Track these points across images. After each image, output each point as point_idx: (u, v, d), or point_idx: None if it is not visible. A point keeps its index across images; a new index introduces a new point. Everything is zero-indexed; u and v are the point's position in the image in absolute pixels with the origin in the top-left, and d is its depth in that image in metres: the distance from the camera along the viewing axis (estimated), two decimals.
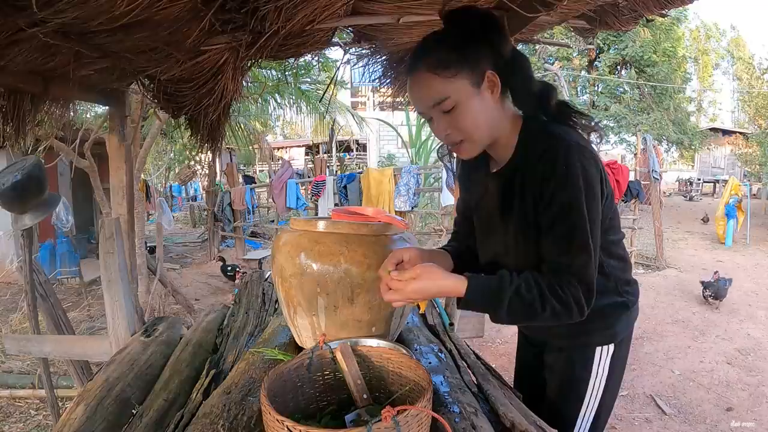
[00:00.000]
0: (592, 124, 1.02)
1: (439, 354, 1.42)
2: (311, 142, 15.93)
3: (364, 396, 0.99)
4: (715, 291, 4.99)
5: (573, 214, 0.92)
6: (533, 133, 0.99)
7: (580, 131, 1.01)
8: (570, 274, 0.93)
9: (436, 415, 0.79)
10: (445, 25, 1.01)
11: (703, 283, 5.23)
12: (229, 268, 6.30)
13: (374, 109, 17.69)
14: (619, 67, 15.51)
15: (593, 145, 1.00)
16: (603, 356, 1.13)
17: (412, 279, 0.94)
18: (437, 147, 1.25)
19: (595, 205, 0.94)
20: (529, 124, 1.01)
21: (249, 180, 10.99)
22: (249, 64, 1.88)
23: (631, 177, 6.81)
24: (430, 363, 1.34)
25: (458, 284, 0.95)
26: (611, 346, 1.13)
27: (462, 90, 0.94)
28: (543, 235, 0.96)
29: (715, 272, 5.28)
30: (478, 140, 1.00)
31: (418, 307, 1.92)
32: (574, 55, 15.46)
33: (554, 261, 0.95)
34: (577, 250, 0.93)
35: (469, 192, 1.20)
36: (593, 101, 15.40)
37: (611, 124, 15.54)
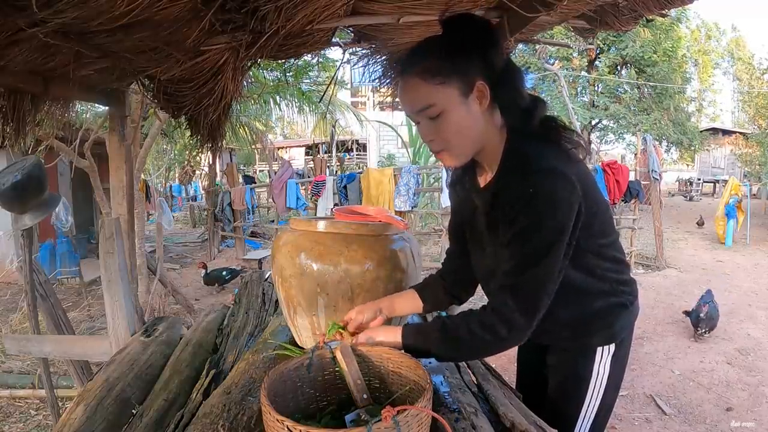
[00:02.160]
0: (577, 139, 1.01)
1: None
2: (311, 142, 15.93)
3: (364, 396, 0.99)
4: (708, 324, 4.18)
5: (530, 237, 0.92)
6: (513, 151, 0.99)
7: (563, 147, 0.99)
8: (510, 293, 0.94)
9: (436, 415, 0.79)
10: (442, 31, 0.99)
11: (690, 315, 4.29)
12: (224, 272, 6.10)
13: (374, 109, 17.70)
14: (619, 67, 15.51)
15: (574, 164, 0.98)
16: (603, 356, 1.13)
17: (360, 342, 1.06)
18: None
19: (556, 229, 0.92)
20: (512, 139, 1.00)
21: (249, 180, 10.99)
22: (249, 64, 1.88)
23: (631, 177, 6.81)
24: (430, 363, 1.33)
25: (396, 335, 1.04)
26: (612, 346, 1.13)
27: (449, 98, 0.94)
28: (500, 252, 0.97)
29: (705, 304, 4.22)
30: (460, 151, 1.00)
31: None
32: (574, 55, 15.44)
33: (502, 277, 0.96)
34: (524, 268, 0.93)
35: (460, 207, 1.20)
36: (593, 101, 15.40)
37: (611, 124, 15.53)
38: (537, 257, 0.92)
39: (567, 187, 0.91)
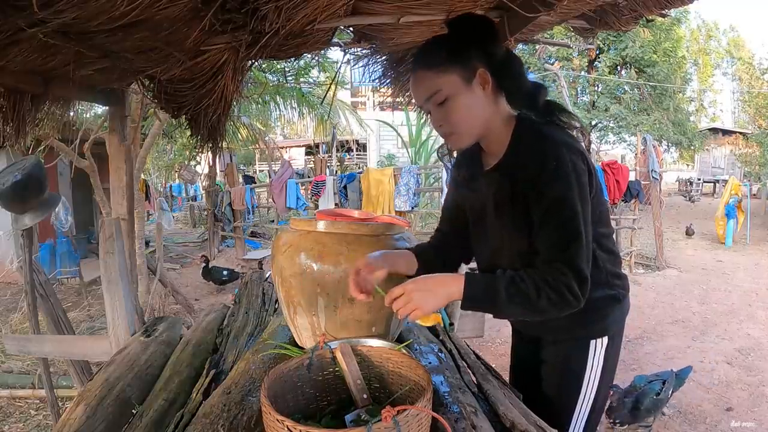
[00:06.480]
0: (575, 121, 1.08)
1: (439, 354, 1.42)
2: (312, 142, 15.91)
3: (364, 396, 0.99)
4: (619, 416, 2.57)
5: (564, 207, 0.96)
6: (525, 132, 1.05)
7: (566, 129, 1.07)
8: (562, 264, 0.96)
9: (436, 415, 0.79)
10: (447, 31, 1.08)
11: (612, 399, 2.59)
12: (225, 272, 6.07)
13: (374, 109, 17.70)
14: (619, 67, 15.49)
15: (580, 143, 1.06)
16: (597, 349, 1.15)
17: (413, 286, 0.98)
18: (437, 147, 1.28)
19: (585, 198, 0.98)
20: (521, 124, 1.06)
21: (249, 180, 10.99)
22: (249, 64, 1.88)
23: (631, 177, 6.80)
24: (430, 363, 1.34)
25: (458, 282, 0.99)
26: (605, 339, 1.15)
27: (452, 84, 1.01)
28: (536, 229, 1.00)
29: (637, 387, 2.69)
30: (467, 132, 1.06)
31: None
32: (574, 55, 15.43)
33: (547, 253, 0.98)
34: (568, 242, 0.96)
35: (462, 192, 1.23)
36: (593, 102, 15.39)
37: (611, 125, 15.51)
38: (574, 227, 0.96)
39: (581, 159, 0.99)
